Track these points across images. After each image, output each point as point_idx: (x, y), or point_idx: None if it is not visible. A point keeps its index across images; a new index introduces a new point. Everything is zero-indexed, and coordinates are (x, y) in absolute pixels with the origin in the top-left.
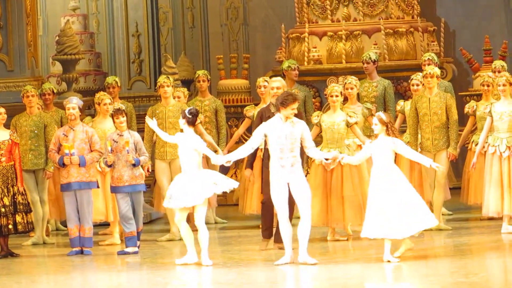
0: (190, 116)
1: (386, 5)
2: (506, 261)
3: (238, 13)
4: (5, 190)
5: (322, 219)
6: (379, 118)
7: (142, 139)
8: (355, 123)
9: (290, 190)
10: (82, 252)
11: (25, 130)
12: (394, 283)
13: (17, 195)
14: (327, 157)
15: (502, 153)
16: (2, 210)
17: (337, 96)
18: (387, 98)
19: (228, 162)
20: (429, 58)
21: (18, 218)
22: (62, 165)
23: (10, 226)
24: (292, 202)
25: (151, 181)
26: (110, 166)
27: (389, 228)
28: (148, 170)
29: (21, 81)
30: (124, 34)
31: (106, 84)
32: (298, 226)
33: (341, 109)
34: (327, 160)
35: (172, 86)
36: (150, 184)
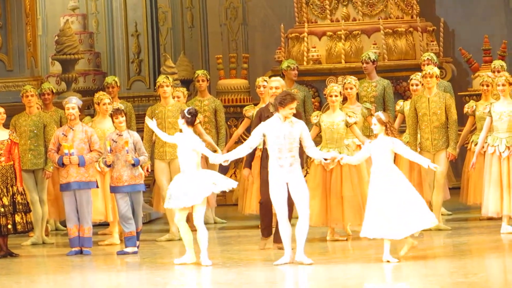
0: (189, 116)
1: (386, 4)
2: (505, 261)
3: (237, 13)
4: (4, 190)
5: (321, 219)
6: (378, 118)
7: (142, 139)
8: (355, 123)
9: (289, 190)
10: (81, 252)
11: (24, 130)
12: (393, 283)
13: (16, 195)
14: (326, 157)
15: (501, 153)
16: (1, 210)
17: (336, 96)
18: (387, 98)
19: (225, 162)
20: (428, 58)
21: (18, 218)
22: (62, 165)
23: (10, 226)
24: (291, 202)
25: (151, 181)
26: (109, 166)
27: (388, 228)
28: (147, 170)
29: (20, 81)
30: (123, 34)
31: (106, 84)
32: (296, 226)
33: (340, 109)
34: (326, 160)
35: (171, 86)
36: (150, 184)
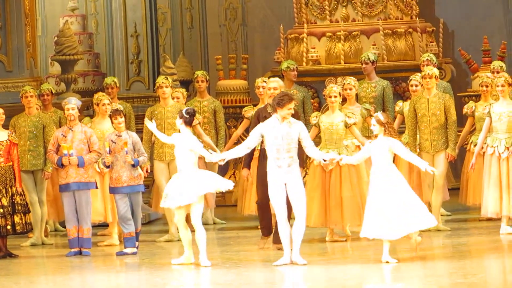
0: (187, 116)
1: (385, 5)
2: (504, 261)
3: (237, 13)
4: (3, 191)
5: (320, 220)
6: (377, 119)
7: (141, 140)
8: (354, 124)
9: (287, 191)
10: (80, 252)
11: (23, 131)
12: (392, 284)
13: (15, 196)
14: (325, 158)
15: (500, 153)
16: (1, 210)
17: (335, 96)
18: (386, 98)
19: (221, 161)
20: (427, 58)
21: (17, 219)
22: (61, 165)
23: (9, 227)
24: (290, 203)
25: (150, 181)
26: (108, 167)
27: (388, 228)
28: (147, 171)
29: (19, 81)
30: (122, 34)
31: (105, 84)
32: (293, 226)
33: (339, 109)
34: (325, 161)
35: (170, 87)
36: (149, 184)
